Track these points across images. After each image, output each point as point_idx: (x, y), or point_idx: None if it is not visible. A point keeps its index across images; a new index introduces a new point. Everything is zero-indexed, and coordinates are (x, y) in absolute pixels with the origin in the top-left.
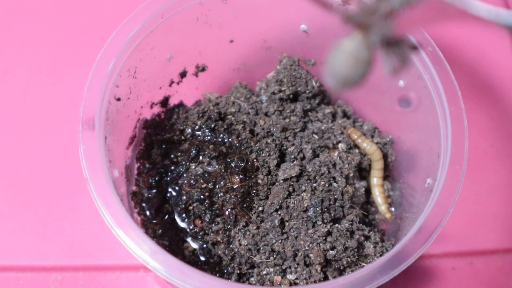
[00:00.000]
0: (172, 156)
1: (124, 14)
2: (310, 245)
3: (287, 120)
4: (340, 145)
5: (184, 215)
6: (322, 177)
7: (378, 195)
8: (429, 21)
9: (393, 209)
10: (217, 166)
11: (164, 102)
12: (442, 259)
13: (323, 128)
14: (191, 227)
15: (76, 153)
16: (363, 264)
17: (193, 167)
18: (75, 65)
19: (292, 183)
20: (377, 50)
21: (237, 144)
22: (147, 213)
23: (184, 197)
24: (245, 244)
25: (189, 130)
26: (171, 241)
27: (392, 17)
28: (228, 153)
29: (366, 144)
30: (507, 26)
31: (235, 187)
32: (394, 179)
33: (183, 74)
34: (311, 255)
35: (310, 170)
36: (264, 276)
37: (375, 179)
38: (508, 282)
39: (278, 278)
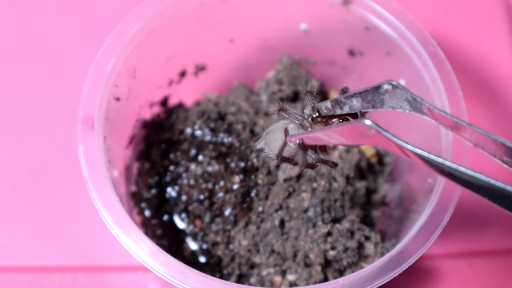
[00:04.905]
0: (171, 156)
1: (124, 13)
2: (310, 245)
3: None
4: None
5: (183, 216)
6: (322, 177)
7: None
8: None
9: None
10: (217, 166)
11: (164, 102)
12: (443, 259)
13: None
14: (190, 228)
15: (75, 153)
16: (363, 264)
17: (193, 167)
18: (74, 64)
19: (292, 184)
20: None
21: (237, 144)
22: (147, 213)
23: (184, 198)
24: (245, 244)
25: (189, 130)
26: (171, 241)
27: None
28: (228, 153)
29: None
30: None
31: (235, 187)
32: (394, 179)
33: (182, 74)
34: (311, 255)
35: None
36: (264, 277)
37: None
38: (510, 282)
39: (278, 279)
